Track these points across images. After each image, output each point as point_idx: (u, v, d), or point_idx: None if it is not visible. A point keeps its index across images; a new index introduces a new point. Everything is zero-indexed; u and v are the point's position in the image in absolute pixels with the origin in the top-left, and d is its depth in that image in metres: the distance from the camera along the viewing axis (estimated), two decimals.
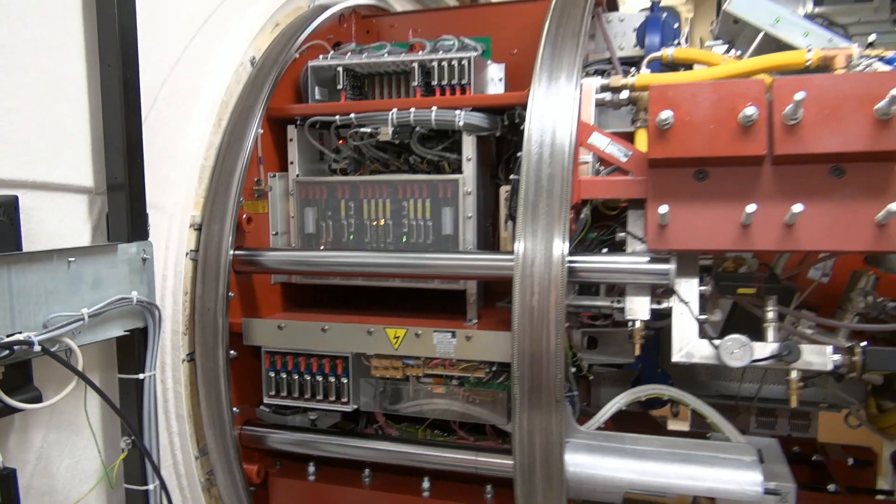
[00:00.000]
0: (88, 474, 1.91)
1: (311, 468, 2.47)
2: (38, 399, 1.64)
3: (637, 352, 2.11)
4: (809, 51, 2.14)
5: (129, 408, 1.91)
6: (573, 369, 2.30)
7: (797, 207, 1.73)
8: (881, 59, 2.03)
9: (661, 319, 2.13)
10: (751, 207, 1.77)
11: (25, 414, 1.70)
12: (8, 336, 1.51)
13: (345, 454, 2.37)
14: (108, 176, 1.89)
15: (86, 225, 1.89)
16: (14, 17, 1.68)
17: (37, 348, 1.55)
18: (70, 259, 1.69)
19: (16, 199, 1.63)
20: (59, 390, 1.69)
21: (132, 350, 1.92)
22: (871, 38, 2.28)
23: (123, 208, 1.89)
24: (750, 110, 1.79)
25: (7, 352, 1.48)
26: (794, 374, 1.99)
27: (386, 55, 2.54)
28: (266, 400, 2.39)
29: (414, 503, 2.32)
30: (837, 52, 2.11)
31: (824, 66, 2.11)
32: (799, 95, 1.70)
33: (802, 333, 2.08)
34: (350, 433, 2.50)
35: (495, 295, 2.55)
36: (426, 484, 2.34)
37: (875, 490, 3.00)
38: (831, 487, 2.83)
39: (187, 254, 2.26)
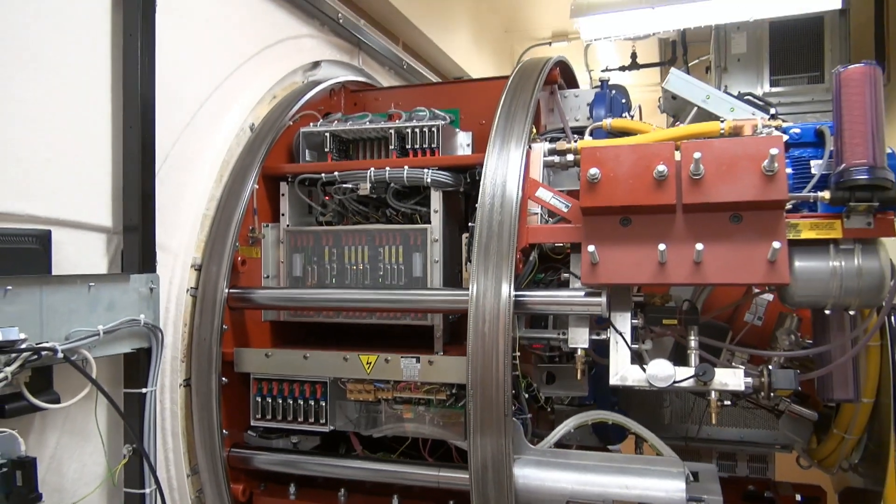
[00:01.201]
0: (92, 477, 2.17)
1: (293, 489, 2.71)
2: (57, 401, 1.93)
3: (579, 376, 2.41)
4: (723, 121, 2.54)
5: (132, 418, 2.19)
6: (527, 397, 2.58)
7: (700, 246, 2.08)
8: (778, 128, 2.41)
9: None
10: (662, 246, 2.11)
11: (44, 416, 1.99)
12: (37, 344, 1.82)
13: (323, 472, 2.63)
14: (125, 218, 2.24)
15: (103, 259, 2.23)
16: (54, 85, 2.06)
17: (60, 355, 1.85)
18: (91, 284, 2.01)
19: (49, 232, 1.97)
20: (73, 398, 1.98)
21: (137, 367, 2.22)
22: (772, 111, 2.68)
23: (136, 246, 2.24)
24: (662, 167, 2.15)
25: (36, 356, 1.79)
26: (713, 395, 2.28)
27: (367, 123, 2.94)
28: (253, 423, 2.66)
29: None
30: (745, 122, 2.50)
31: (735, 133, 2.49)
32: (697, 155, 2.08)
33: (723, 363, 2.39)
34: (328, 453, 2.75)
35: (462, 335, 2.86)
36: (395, 501, 2.59)
37: None
38: None
39: (188, 290, 2.58)
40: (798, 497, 3.30)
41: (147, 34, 2.24)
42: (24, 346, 1.75)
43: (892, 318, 2.76)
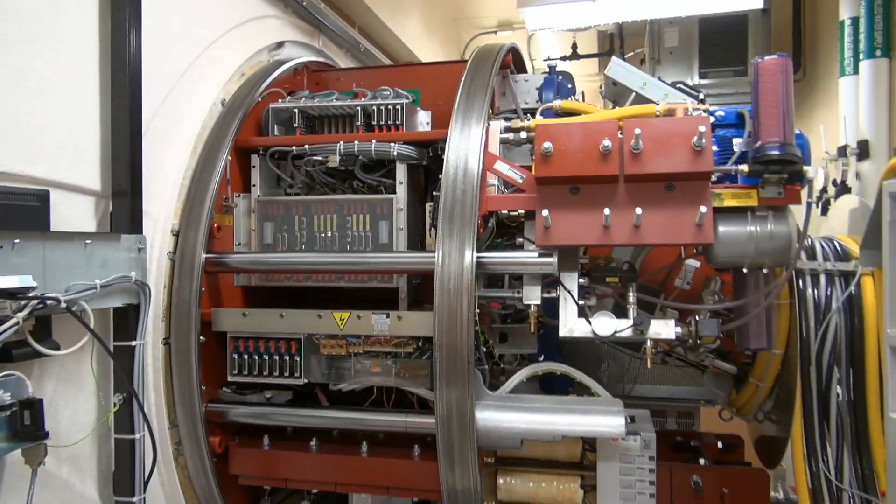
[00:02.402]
0: (84, 425, 2.31)
1: (266, 440, 2.91)
2: (58, 349, 2.08)
3: (532, 329, 2.69)
4: (658, 104, 2.86)
5: (123, 369, 2.35)
6: (485, 350, 2.85)
7: (639, 211, 2.38)
8: (705, 111, 2.74)
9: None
10: (607, 211, 2.41)
11: (42, 364, 2.13)
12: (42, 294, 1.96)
13: (297, 422, 2.84)
14: (114, 183, 2.38)
15: (93, 221, 2.37)
16: (48, 56, 2.19)
17: (63, 305, 2.00)
18: (87, 241, 2.16)
19: (48, 192, 2.10)
20: (69, 347, 2.13)
21: (126, 322, 2.37)
22: (701, 96, 3.02)
23: (125, 209, 2.38)
24: (607, 142, 2.45)
25: (42, 305, 1.93)
26: (648, 343, 2.60)
27: (334, 100, 3.14)
28: (230, 378, 2.84)
29: (354, 461, 2.78)
30: (678, 105, 2.83)
31: (669, 115, 2.81)
32: (637, 131, 2.38)
33: (657, 316, 2.71)
34: (300, 405, 2.96)
35: (423, 298, 3.10)
36: (364, 447, 2.82)
37: (736, 461, 3.60)
38: (702, 461, 3.43)
39: (168, 254, 2.73)
40: (719, 444, 3.68)
41: (134, 7, 2.38)
42: (33, 293, 1.90)
43: (801, 281, 3.18)
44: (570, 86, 3.63)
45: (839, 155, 5.12)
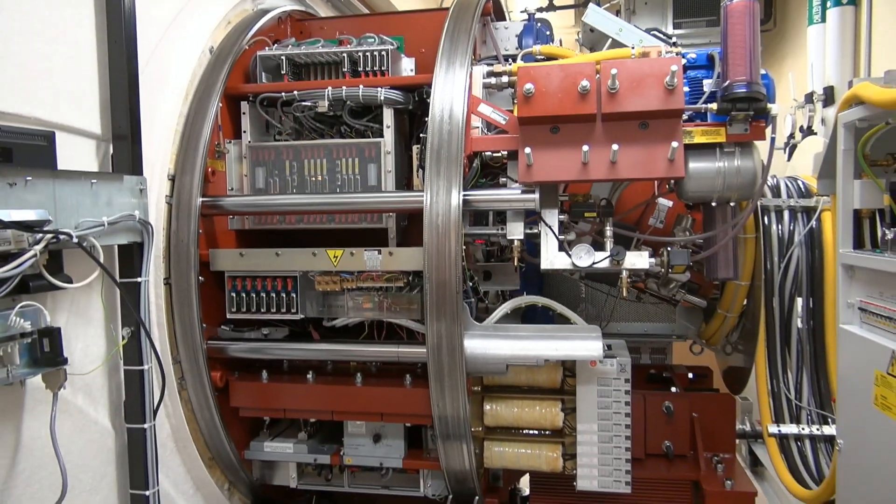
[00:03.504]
0: (96, 356, 2.44)
1: (264, 374, 3.07)
2: (70, 282, 2.19)
3: (515, 263, 2.85)
4: (633, 48, 2.99)
5: (131, 302, 2.47)
6: (471, 285, 3.01)
7: (615, 147, 2.53)
8: (678, 53, 2.88)
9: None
10: (585, 148, 2.55)
11: (54, 298, 2.25)
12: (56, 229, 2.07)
13: (293, 356, 3.00)
14: (114, 127, 2.47)
15: (94, 163, 2.46)
16: (48, 4, 2.25)
17: (75, 240, 2.11)
18: (93, 181, 2.26)
19: (53, 133, 2.19)
20: (80, 282, 2.25)
21: (131, 259, 2.49)
22: (673, 40, 3.16)
23: (126, 152, 2.48)
24: (585, 83, 2.58)
25: (56, 239, 2.04)
26: (624, 274, 2.78)
27: (320, 47, 3.22)
28: (229, 315, 2.97)
29: (349, 390, 2.96)
30: (651, 48, 2.96)
31: (644, 58, 2.95)
32: (613, 71, 2.51)
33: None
34: (297, 339, 3.11)
35: (410, 238, 3.23)
36: (359, 378, 3.00)
37: (705, 389, 3.84)
38: (674, 389, 3.67)
39: (165, 198, 2.83)
40: (690, 375, 3.92)
41: None
42: (47, 228, 2.00)
43: (766, 217, 3.38)
44: (548, 33, 3.74)
45: (806, 101, 5.31)
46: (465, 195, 2.68)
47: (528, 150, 2.61)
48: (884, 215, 2.11)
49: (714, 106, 2.62)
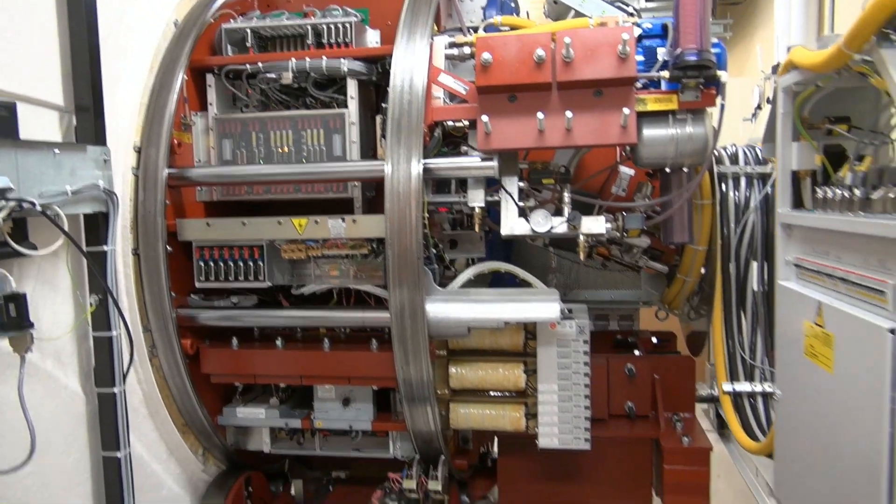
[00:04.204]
0: (64, 323, 2.50)
1: (235, 341, 3.14)
2: (35, 249, 2.25)
3: (477, 229, 2.93)
4: (591, 18, 3.05)
5: (97, 270, 2.53)
6: (435, 253, 3.08)
7: (569, 114, 2.61)
8: (634, 23, 2.95)
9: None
10: (540, 115, 2.63)
11: (20, 266, 2.30)
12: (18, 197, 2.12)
13: (262, 323, 3.08)
14: (76, 98, 2.50)
15: (58, 133, 2.50)
16: None
17: (38, 208, 2.16)
18: (55, 150, 2.30)
19: (15, 104, 2.22)
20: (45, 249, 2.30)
21: (97, 228, 2.54)
22: (631, 9, 3.22)
23: (89, 122, 2.51)
24: (540, 52, 2.65)
25: (20, 207, 2.09)
26: (581, 238, 2.87)
27: (285, 20, 3.25)
28: (198, 284, 3.04)
29: (317, 355, 3.05)
30: (609, 18, 3.02)
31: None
32: (567, 40, 2.58)
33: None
34: (265, 306, 3.18)
35: (376, 208, 3.29)
36: (326, 343, 3.08)
37: (668, 351, 3.95)
38: (637, 352, 3.79)
39: (131, 169, 2.88)
40: (654, 339, 4.04)
41: None
42: (10, 196, 2.05)
43: (724, 184, 3.48)
44: (513, 5, 3.79)
45: (773, 72, 5.39)
46: (425, 164, 2.75)
47: (485, 118, 2.68)
48: (817, 176, 2.19)
49: (666, 73, 2.70)
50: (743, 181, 3.44)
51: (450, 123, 2.98)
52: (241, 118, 3.19)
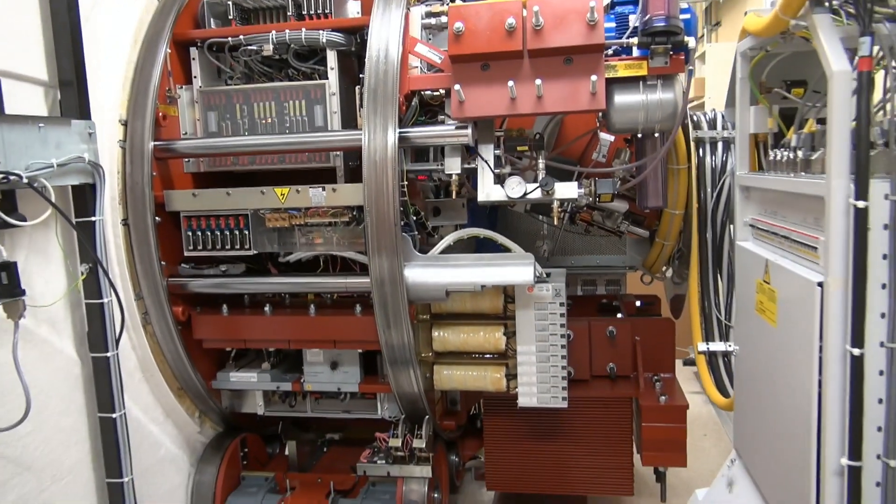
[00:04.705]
0: (57, 291, 2.62)
1: (225, 308, 3.26)
2: (24, 220, 2.35)
3: (454, 196, 3.01)
4: None
5: (86, 240, 2.64)
6: (416, 220, 3.17)
7: (538, 82, 2.67)
8: None
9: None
10: (511, 83, 2.69)
11: (12, 236, 2.40)
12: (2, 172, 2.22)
13: (250, 290, 3.20)
14: (60, 73, 2.58)
15: (44, 108, 2.59)
16: None
17: (24, 181, 2.26)
18: (40, 125, 2.39)
19: None
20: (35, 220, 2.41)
21: (84, 200, 2.64)
22: None
23: (73, 97, 2.60)
24: (511, 20, 2.69)
25: (6, 179, 2.19)
26: (555, 204, 2.95)
27: None
28: (186, 253, 3.15)
29: (304, 320, 3.17)
30: None
31: None
32: (535, 8, 2.63)
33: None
34: (253, 274, 3.30)
35: (359, 177, 3.37)
36: (312, 309, 3.19)
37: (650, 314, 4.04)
38: (619, 315, 3.88)
39: (118, 142, 2.97)
40: (638, 303, 4.13)
41: None
42: None
43: (701, 149, 3.54)
44: None
45: None
46: (401, 132, 2.82)
47: (457, 86, 2.75)
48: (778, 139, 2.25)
49: (635, 40, 2.74)
50: (720, 146, 3.49)
51: (427, 93, 3.04)
52: (225, 90, 3.26)
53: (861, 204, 1.49)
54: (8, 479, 2.38)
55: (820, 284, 1.61)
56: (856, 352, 1.55)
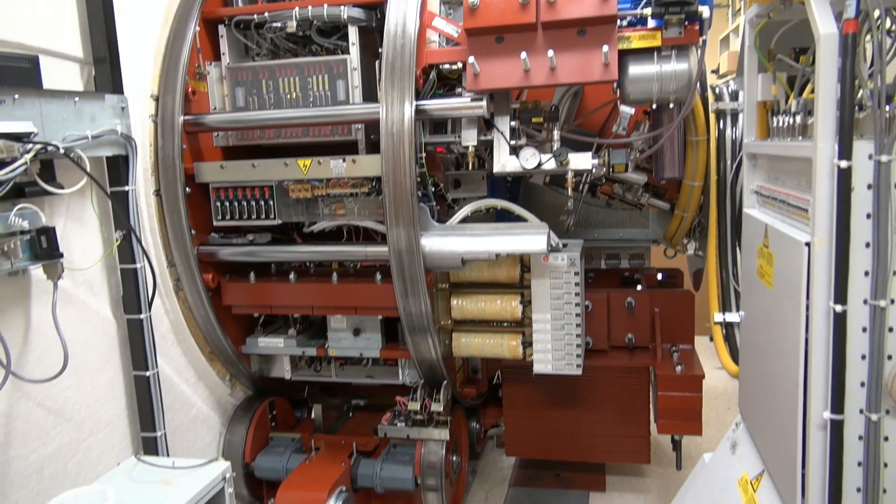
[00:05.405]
0: (93, 257, 2.79)
1: (252, 275, 3.41)
2: (62, 188, 2.51)
3: (470, 168, 3.09)
4: None
5: (120, 208, 2.80)
6: (434, 191, 3.25)
7: (550, 53, 2.71)
8: None
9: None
10: (523, 55, 2.74)
11: (51, 204, 2.57)
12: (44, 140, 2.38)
13: (276, 258, 3.34)
14: (94, 50, 2.73)
15: (80, 84, 2.74)
16: None
17: (61, 151, 2.41)
18: (76, 99, 2.54)
19: (37, 56, 2.47)
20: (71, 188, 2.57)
21: (118, 171, 2.80)
22: None
23: (106, 73, 2.75)
24: None
25: (45, 149, 2.35)
26: (569, 175, 3.00)
27: None
28: (215, 223, 3.30)
29: (327, 287, 3.30)
30: None
31: None
32: None
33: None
34: (280, 243, 3.43)
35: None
36: (335, 277, 3.32)
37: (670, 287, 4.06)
38: (639, 287, 3.92)
39: (150, 116, 3.12)
40: (659, 276, 4.15)
41: None
42: (36, 138, 2.31)
43: (721, 121, 3.53)
44: None
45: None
46: (417, 104, 2.90)
47: (472, 59, 2.81)
48: (779, 106, 2.26)
49: (649, 10, 2.76)
50: (741, 117, 3.48)
51: (445, 66, 3.11)
52: (252, 66, 3.38)
53: (844, 164, 1.52)
54: (50, 428, 2.57)
55: (807, 244, 1.65)
56: (839, 308, 1.58)
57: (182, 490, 2.21)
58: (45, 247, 2.41)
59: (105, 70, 2.76)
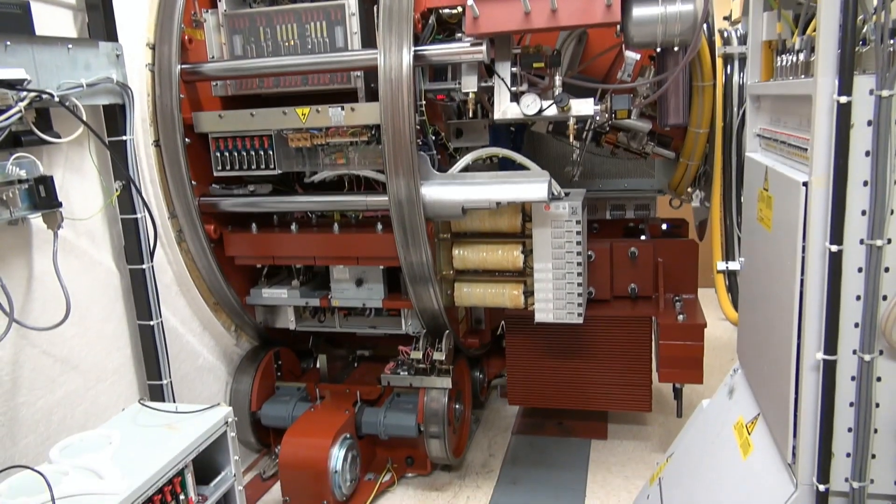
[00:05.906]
0: (94, 207, 2.80)
1: (254, 226, 3.42)
2: (59, 137, 2.50)
3: (471, 114, 3.05)
4: None
5: (118, 158, 2.79)
6: (435, 140, 3.22)
7: None
8: None
9: None
10: None
11: (49, 154, 2.57)
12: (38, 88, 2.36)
13: (277, 208, 3.34)
14: None
15: (73, 31, 2.71)
16: None
17: (56, 99, 2.40)
18: (69, 46, 2.51)
19: (28, 2, 2.43)
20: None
21: (115, 120, 2.78)
22: None
23: (100, 20, 2.71)
24: None
25: (39, 97, 2.33)
26: (571, 121, 2.96)
27: None
28: (216, 174, 3.29)
29: (328, 238, 3.30)
30: None
31: None
32: None
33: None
34: (281, 193, 3.43)
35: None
36: (336, 227, 3.32)
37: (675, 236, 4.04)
38: (642, 237, 3.90)
39: (146, 65, 3.08)
40: (664, 226, 4.12)
41: None
42: (30, 86, 2.29)
43: (728, 66, 3.44)
44: None
45: None
46: (416, 50, 2.85)
47: (471, 2, 2.74)
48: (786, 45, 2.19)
49: None
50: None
51: (445, 10, 3.04)
52: (248, 13, 3.32)
53: (844, 99, 1.48)
54: (57, 376, 2.61)
55: (805, 184, 1.62)
56: (834, 248, 1.56)
57: (185, 433, 2.25)
58: (43, 196, 2.41)
59: (98, 17, 2.72)
